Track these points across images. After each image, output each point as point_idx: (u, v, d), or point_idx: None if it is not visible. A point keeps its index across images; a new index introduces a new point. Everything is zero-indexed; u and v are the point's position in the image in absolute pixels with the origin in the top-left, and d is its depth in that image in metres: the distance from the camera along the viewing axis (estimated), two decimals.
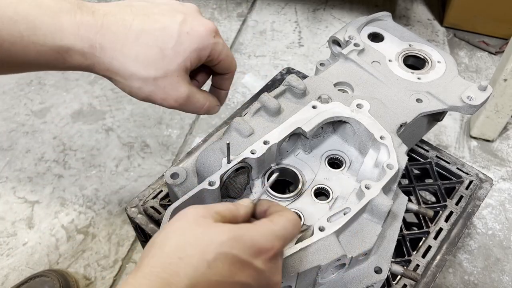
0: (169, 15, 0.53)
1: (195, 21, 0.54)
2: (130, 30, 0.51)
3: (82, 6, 0.50)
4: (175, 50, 0.52)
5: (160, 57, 0.52)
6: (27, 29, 0.47)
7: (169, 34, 0.52)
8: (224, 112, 1.37)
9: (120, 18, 0.51)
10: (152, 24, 0.52)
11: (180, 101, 0.55)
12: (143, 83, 0.53)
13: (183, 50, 0.53)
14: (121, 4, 0.54)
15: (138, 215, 0.77)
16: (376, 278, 0.63)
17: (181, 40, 0.52)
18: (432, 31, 1.67)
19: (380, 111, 0.73)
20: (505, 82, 1.16)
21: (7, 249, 1.08)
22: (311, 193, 0.70)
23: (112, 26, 0.51)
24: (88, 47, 0.50)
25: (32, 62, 0.50)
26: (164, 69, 0.52)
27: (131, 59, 0.51)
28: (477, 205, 0.83)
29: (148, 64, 0.52)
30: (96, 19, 0.50)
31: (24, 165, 1.24)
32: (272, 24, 1.68)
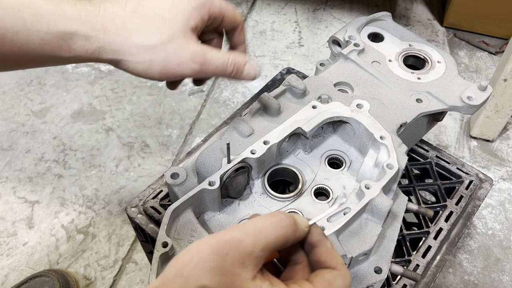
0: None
1: None
2: (126, 8, 0.53)
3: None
4: (173, 12, 0.53)
5: (161, 22, 0.53)
6: (31, 16, 0.48)
7: (163, 1, 0.53)
8: (224, 112, 1.37)
9: (115, 1, 0.53)
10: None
11: (197, 59, 0.54)
12: (152, 54, 0.53)
13: (182, 10, 0.53)
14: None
15: (138, 215, 0.77)
16: (376, 278, 0.63)
17: (176, 3, 0.54)
18: (432, 31, 1.67)
19: (380, 111, 0.73)
20: (505, 82, 1.16)
21: (7, 249, 1.08)
22: (311, 193, 0.70)
23: (109, 9, 0.52)
24: (92, 30, 0.51)
25: (36, 52, 0.50)
26: (169, 32, 0.53)
27: (134, 32, 0.52)
28: (477, 205, 0.83)
29: (152, 31, 0.52)
30: (94, 6, 0.52)
31: (24, 165, 1.24)
32: (272, 24, 1.68)
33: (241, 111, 0.92)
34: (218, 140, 0.69)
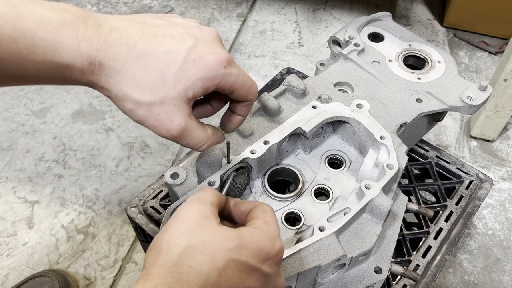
0: (180, 39, 0.49)
1: (206, 48, 0.50)
2: (133, 50, 0.48)
3: (87, 19, 0.47)
4: (177, 76, 0.48)
5: (159, 82, 0.48)
6: (26, 47, 0.45)
7: (173, 59, 0.48)
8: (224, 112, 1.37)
9: (126, 36, 0.48)
10: (158, 46, 0.48)
11: (172, 133, 0.50)
12: (135, 106, 0.49)
13: (186, 78, 0.48)
14: (133, 19, 0.51)
15: (138, 215, 0.77)
16: (376, 278, 0.63)
17: (185, 66, 0.48)
18: (432, 31, 1.67)
19: (380, 111, 0.73)
20: (505, 82, 1.16)
21: (7, 249, 1.08)
22: (311, 193, 0.70)
23: (115, 44, 0.48)
24: (88, 65, 0.48)
25: (31, 78, 0.49)
26: (161, 95, 0.48)
27: (128, 80, 0.48)
28: (477, 205, 0.83)
29: (145, 87, 0.48)
30: (100, 35, 0.47)
31: (24, 165, 1.24)
32: (272, 24, 1.68)
33: None
34: None
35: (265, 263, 0.45)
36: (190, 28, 0.51)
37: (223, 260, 0.42)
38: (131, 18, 0.50)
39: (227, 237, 0.44)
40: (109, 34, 0.47)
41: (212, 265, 0.42)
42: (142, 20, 0.51)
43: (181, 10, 1.71)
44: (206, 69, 0.49)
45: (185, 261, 0.42)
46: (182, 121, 0.50)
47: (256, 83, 0.56)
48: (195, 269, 0.42)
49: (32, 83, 0.51)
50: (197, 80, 0.49)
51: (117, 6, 1.72)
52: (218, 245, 0.43)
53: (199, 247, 0.43)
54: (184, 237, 0.44)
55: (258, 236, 0.46)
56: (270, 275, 0.46)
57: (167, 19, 0.52)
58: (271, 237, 0.47)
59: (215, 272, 0.42)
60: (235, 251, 0.43)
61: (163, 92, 0.48)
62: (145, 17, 0.51)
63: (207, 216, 0.46)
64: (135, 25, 0.49)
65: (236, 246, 0.44)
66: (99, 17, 0.48)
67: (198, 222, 0.45)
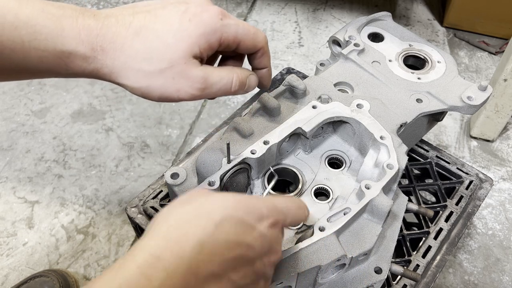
0: (171, 7, 0.52)
1: (198, 8, 0.52)
2: (130, 28, 0.50)
3: (84, 12, 0.50)
4: (177, 38, 0.50)
5: (162, 48, 0.50)
6: (28, 34, 0.46)
7: (169, 24, 0.50)
8: (224, 112, 1.37)
9: (121, 19, 0.50)
10: (152, 18, 0.51)
11: (197, 85, 0.51)
12: (150, 79, 0.50)
13: (187, 36, 0.50)
14: (125, 6, 0.53)
15: (138, 215, 0.77)
16: (376, 278, 0.63)
17: (182, 27, 0.50)
18: (432, 31, 1.67)
19: (380, 111, 0.73)
20: (505, 82, 1.16)
21: (7, 249, 1.08)
22: (311, 193, 0.70)
23: (112, 27, 0.50)
24: (90, 51, 0.49)
25: (33, 69, 0.49)
26: (168, 58, 0.50)
27: (132, 56, 0.50)
28: (477, 205, 0.83)
29: (151, 57, 0.50)
30: (97, 22, 0.49)
31: (24, 165, 1.24)
32: (272, 24, 1.68)
33: (241, 111, 0.92)
34: (218, 140, 0.69)
35: (260, 222, 0.45)
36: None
37: (219, 215, 0.43)
38: (124, 6, 0.53)
39: (224, 197, 0.45)
40: (105, 20, 0.50)
41: (209, 219, 0.42)
42: (134, 5, 0.54)
43: None
44: (204, 24, 0.50)
45: (182, 218, 0.43)
46: (199, 71, 0.51)
47: (261, 31, 0.56)
48: (192, 222, 0.42)
49: (35, 76, 0.51)
50: (198, 36, 0.50)
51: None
52: (216, 202, 0.44)
53: (197, 206, 0.44)
54: (182, 203, 0.45)
55: (254, 199, 0.47)
56: (265, 236, 0.45)
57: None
58: (267, 204, 0.47)
59: (211, 225, 0.42)
60: (231, 207, 0.44)
61: (170, 55, 0.50)
62: (136, 3, 0.54)
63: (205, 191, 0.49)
64: (128, 9, 0.52)
65: (232, 203, 0.44)
66: (95, 10, 0.51)
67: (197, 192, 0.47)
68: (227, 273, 0.42)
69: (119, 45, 0.49)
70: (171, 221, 0.42)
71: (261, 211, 0.46)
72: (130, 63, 0.50)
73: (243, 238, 0.43)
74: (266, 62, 0.59)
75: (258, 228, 0.45)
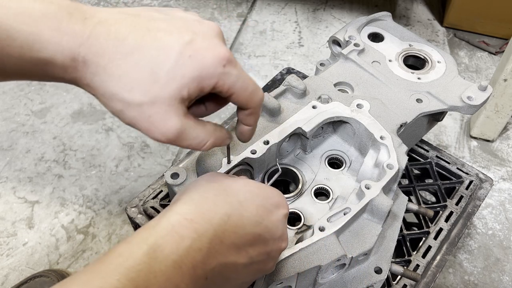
0: (175, 33, 0.45)
1: (205, 44, 0.45)
2: (122, 45, 0.43)
3: (73, 11, 0.43)
4: (170, 74, 0.43)
5: (150, 80, 0.43)
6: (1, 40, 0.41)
7: (166, 55, 0.44)
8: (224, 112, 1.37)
9: (114, 30, 0.43)
10: (150, 41, 0.44)
11: (168, 136, 0.46)
12: (124, 107, 0.44)
13: (180, 76, 0.44)
14: (127, 11, 0.46)
15: (138, 215, 0.77)
16: (376, 278, 0.63)
17: (180, 63, 0.44)
18: (432, 31, 1.67)
19: (380, 111, 0.73)
20: (505, 82, 1.16)
21: (7, 249, 1.08)
22: (311, 193, 0.70)
23: (101, 38, 0.43)
24: (70, 61, 0.43)
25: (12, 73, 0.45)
26: (152, 95, 0.43)
27: (115, 78, 0.43)
28: (477, 205, 0.83)
29: (134, 86, 0.43)
30: (85, 28, 0.42)
31: (24, 165, 1.24)
32: (272, 24, 1.68)
33: None
34: None
35: (277, 210, 0.50)
36: (189, 22, 0.47)
37: (242, 196, 0.48)
38: (125, 11, 0.46)
39: (246, 182, 0.50)
40: (95, 28, 0.43)
41: (235, 197, 0.47)
42: (137, 13, 0.46)
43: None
44: (203, 66, 0.44)
45: (210, 192, 0.47)
46: (177, 122, 0.45)
47: (262, 90, 0.51)
48: (220, 197, 0.46)
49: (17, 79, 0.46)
50: (193, 78, 0.44)
51: (117, 6, 1.72)
52: (239, 185, 0.49)
53: (220, 185, 0.48)
54: (205, 182, 0.49)
55: (272, 189, 0.52)
56: (280, 223, 0.50)
57: (166, 12, 0.48)
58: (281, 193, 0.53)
59: (237, 202, 0.46)
60: (253, 192, 0.49)
61: (155, 92, 0.44)
62: (141, 10, 0.47)
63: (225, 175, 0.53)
64: (127, 18, 0.45)
65: (254, 189, 0.49)
66: (88, 9, 0.44)
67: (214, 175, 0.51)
68: (245, 246, 0.46)
69: (104, 61, 0.43)
70: (202, 192, 0.47)
71: (278, 200, 0.51)
72: (110, 85, 0.44)
73: (262, 220, 0.48)
74: (252, 121, 0.53)
75: (275, 214, 0.49)
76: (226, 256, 0.44)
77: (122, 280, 0.37)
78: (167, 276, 0.39)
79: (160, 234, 0.41)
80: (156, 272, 0.39)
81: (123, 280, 0.37)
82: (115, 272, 0.37)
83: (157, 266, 0.39)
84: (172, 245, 0.40)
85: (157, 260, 0.39)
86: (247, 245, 0.46)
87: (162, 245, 0.40)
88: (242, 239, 0.45)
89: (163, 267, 0.39)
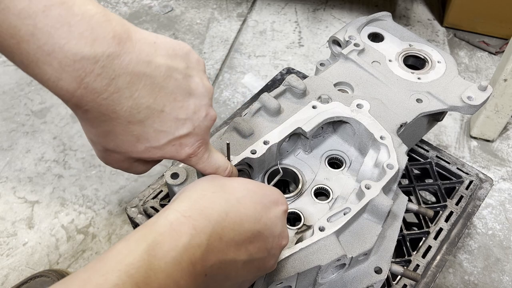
0: (172, 106, 0.45)
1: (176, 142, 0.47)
2: (127, 115, 0.43)
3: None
4: (149, 151, 0.47)
5: (127, 145, 0.46)
6: None
7: (158, 134, 0.46)
8: (224, 112, 1.37)
9: (126, 102, 0.43)
10: (150, 113, 0.44)
11: (115, 167, 0.50)
12: (96, 141, 0.47)
13: (157, 149, 0.47)
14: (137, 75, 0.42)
15: (138, 215, 0.77)
16: (376, 278, 0.63)
17: (158, 142, 0.47)
18: (432, 31, 1.67)
19: (380, 111, 0.73)
20: (505, 82, 1.16)
21: (7, 249, 1.08)
22: (311, 193, 0.70)
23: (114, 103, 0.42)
24: (72, 106, 0.43)
25: None
26: (123, 151, 0.47)
27: (99, 127, 0.44)
28: (477, 205, 0.83)
29: (109, 142, 0.46)
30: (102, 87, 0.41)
31: (24, 165, 1.24)
32: (272, 24, 1.68)
33: (241, 111, 0.92)
34: (218, 140, 0.69)
35: (276, 207, 0.50)
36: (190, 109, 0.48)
37: (240, 193, 0.48)
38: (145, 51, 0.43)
39: (244, 180, 0.51)
40: (114, 87, 0.41)
41: (232, 194, 0.48)
42: (147, 77, 0.44)
43: (181, 10, 1.71)
44: (178, 155, 0.49)
45: (209, 189, 0.48)
46: (125, 165, 0.50)
47: (230, 166, 0.56)
48: (217, 194, 0.47)
49: None
50: (163, 156, 0.49)
51: (117, 6, 1.72)
52: (237, 183, 0.50)
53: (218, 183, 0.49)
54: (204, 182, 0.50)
55: (270, 187, 0.53)
56: (279, 220, 0.50)
57: (181, 70, 0.47)
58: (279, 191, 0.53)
59: (234, 199, 0.47)
60: (251, 190, 0.49)
61: (126, 152, 0.47)
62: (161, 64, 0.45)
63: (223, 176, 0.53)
64: (135, 82, 0.43)
65: (252, 187, 0.49)
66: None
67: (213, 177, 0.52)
68: (245, 244, 0.46)
69: (103, 107, 0.42)
70: (200, 190, 0.47)
71: (277, 197, 0.51)
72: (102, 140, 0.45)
73: (261, 217, 0.48)
74: None
75: (274, 211, 0.50)
76: (226, 253, 0.44)
77: (122, 277, 0.37)
78: (167, 273, 0.39)
79: (159, 231, 0.41)
80: (156, 269, 0.39)
81: (123, 277, 0.37)
82: (114, 269, 0.37)
83: (157, 263, 0.39)
84: (171, 242, 0.41)
85: (156, 257, 0.39)
86: (246, 242, 0.46)
87: (161, 242, 0.40)
88: (241, 236, 0.46)
89: (162, 264, 0.39)
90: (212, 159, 0.53)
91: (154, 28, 1.61)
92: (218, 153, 0.55)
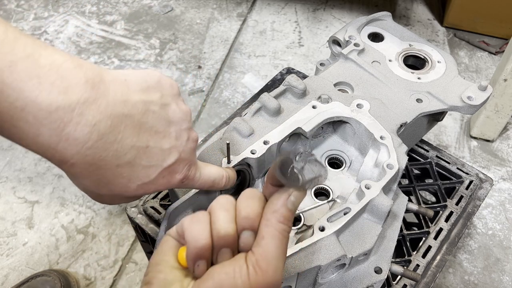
0: (163, 151, 0.46)
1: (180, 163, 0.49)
2: (119, 158, 0.43)
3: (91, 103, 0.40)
4: (141, 187, 0.47)
5: (120, 186, 0.45)
6: None
7: (147, 174, 0.46)
8: (224, 112, 1.37)
9: (119, 147, 0.42)
10: (141, 156, 0.45)
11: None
12: (86, 184, 0.45)
13: (148, 189, 0.48)
14: (130, 115, 0.43)
15: (138, 215, 0.77)
16: (376, 278, 0.63)
17: (151, 179, 0.47)
18: (432, 31, 1.67)
19: (380, 111, 0.73)
20: (505, 82, 1.16)
21: (7, 249, 1.08)
22: (311, 193, 0.70)
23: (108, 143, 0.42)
24: (57, 162, 0.41)
25: None
26: (114, 193, 0.46)
27: (95, 173, 0.43)
28: (477, 205, 0.83)
29: (103, 185, 0.45)
30: (87, 141, 0.40)
31: (24, 165, 1.24)
32: (272, 24, 1.68)
33: (241, 111, 0.92)
34: (218, 140, 0.69)
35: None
36: (177, 142, 0.49)
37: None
38: (131, 113, 0.43)
39: None
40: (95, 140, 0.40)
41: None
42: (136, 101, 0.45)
43: (181, 10, 1.71)
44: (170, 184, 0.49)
45: None
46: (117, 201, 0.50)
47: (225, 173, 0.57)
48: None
49: None
50: (156, 190, 0.49)
51: (117, 6, 1.72)
52: None
53: None
54: None
55: None
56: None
57: (171, 118, 0.48)
58: None
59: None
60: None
61: (118, 194, 0.47)
62: (140, 97, 0.45)
63: None
64: (130, 128, 0.43)
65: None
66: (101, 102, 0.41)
67: None
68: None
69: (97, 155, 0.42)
70: None
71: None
72: (91, 169, 0.42)
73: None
74: None
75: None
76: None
77: None
78: None
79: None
80: None
81: None
82: None
83: None
84: None
85: None
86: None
87: None
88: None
89: None
90: (204, 176, 0.53)
91: (154, 28, 1.61)
92: (208, 165, 0.55)
